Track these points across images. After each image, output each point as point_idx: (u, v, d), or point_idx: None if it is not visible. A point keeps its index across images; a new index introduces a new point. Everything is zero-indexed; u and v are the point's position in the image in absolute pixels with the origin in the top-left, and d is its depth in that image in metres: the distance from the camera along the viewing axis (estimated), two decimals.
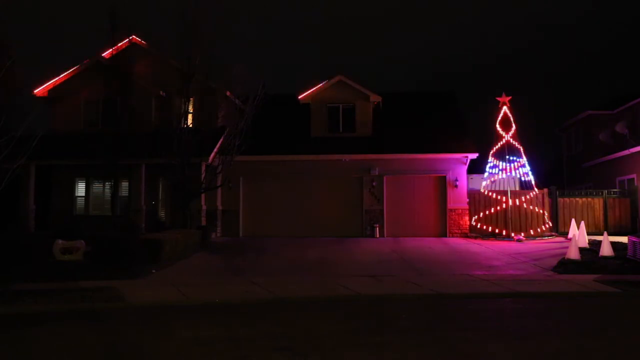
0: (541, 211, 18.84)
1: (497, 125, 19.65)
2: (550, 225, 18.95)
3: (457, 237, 19.16)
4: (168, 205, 19.71)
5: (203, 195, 18.19)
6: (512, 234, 18.10)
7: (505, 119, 19.51)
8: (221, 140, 18.57)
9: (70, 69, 20.37)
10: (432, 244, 16.81)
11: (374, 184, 19.82)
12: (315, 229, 19.40)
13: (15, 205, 18.41)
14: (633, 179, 21.30)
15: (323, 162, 19.88)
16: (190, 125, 17.34)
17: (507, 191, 18.87)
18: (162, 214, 19.92)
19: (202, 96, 17.78)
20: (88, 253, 12.51)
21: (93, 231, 15.17)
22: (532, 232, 18.28)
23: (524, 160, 19.24)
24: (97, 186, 19.98)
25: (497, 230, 18.65)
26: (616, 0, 69.89)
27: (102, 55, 19.87)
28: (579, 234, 14.94)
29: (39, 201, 18.90)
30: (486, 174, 19.71)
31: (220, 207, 19.73)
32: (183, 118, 17.02)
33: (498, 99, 19.78)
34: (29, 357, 5.85)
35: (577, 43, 64.65)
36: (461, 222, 19.43)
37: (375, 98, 21.23)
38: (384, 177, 19.87)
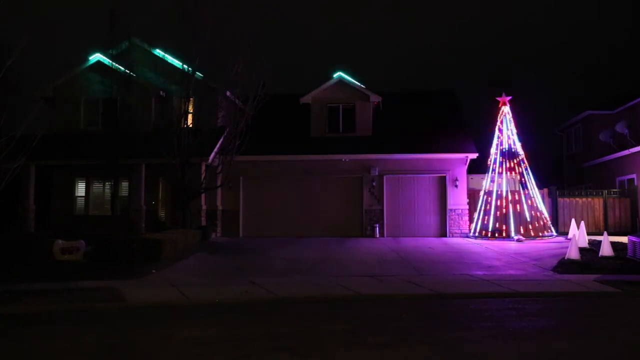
0: (541, 211, 18.82)
1: (497, 125, 19.65)
2: (550, 225, 18.94)
3: (457, 237, 19.16)
4: (168, 205, 19.71)
5: (203, 195, 18.20)
6: (512, 234, 18.09)
7: (505, 119, 19.50)
8: (221, 140, 18.58)
9: (71, 69, 20.36)
10: (432, 244, 16.81)
11: (374, 184, 19.83)
12: (315, 229, 19.40)
13: (15, 205, 18.40)
14: (633, 179, 21.29)
15: (323, 162, 19.89)
16: (190, 125, 17.35)
17: (507, 191, 18.86)
18: (162, 214, 19.93)
19: (202, 96, 17.79)
20: (88, 253, 12.51)
21: (93, 231, 15.19)
22: (532, 232, 18.26)
23: (524, 160, 19.24)
24: (97, 186, 19.98)
25: (497, 231, 18.63)
26: (616, 1, 69.87)
27: (102, 55, 19.88)
28: (579, 234, 14.92)
29: (39, 201, 18.89)
30: (486, 174, 19.70)
31: (220, 207, 19.74)
32: (183, 118, 17.03)
33: (498, 99, 19.79)
34: (28, 357, 5.85)
35: (576, 43, 64.63)
36: (461, 222, 19.44)
37: (375, 98, 21.23)
38: (384, 177, 19.88)
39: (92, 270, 11.28)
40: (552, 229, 18.88)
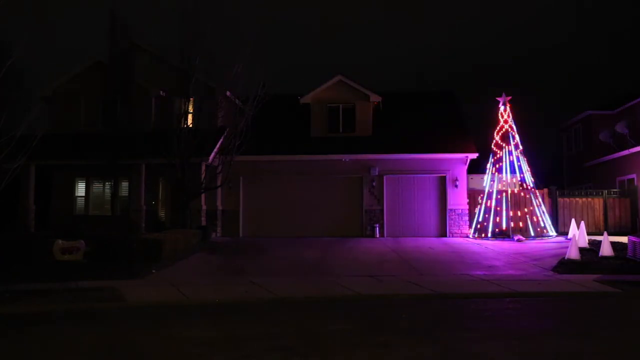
0: (541, 211, 18.81)
1: (497, 125, 19.63)
2: (550, 225, 18.93)
3: (457, 237, 19.15)
4: (168, 205, 19.71)
5: (203, 195, 18.19)
6: (512, 234, 18.09)
7: (505, 119, 19.48)
8: (221, 140, 18.58)
9: (71, 69, 20.36)
10: (432, 244, 16.81)
11: (374, 184, 19.82)
12: (315, 229, 19.39)
13: (15, 206, 18.40)
14: (633, 179, 21.29)
15: (323, 162, 19.89)
16: (190, 125, 17.35)
17: (507, 191, 18.85)
18: (162, 214, 19.92)
19: (202, 96, 17.78)
20: (88, 253, 12.51)
21: (93, 231, 15.19)
22: (532, 232, 18.26)
23: (523, 160, 19.23)
24: (97, 186, 19.98)
25: (497, 230, 18.63)
26: (616, 1, 69.89)
27: (103, 55, 19.87)
28: (579, 234, 14.92)
29: (39, 201, 18.88)
30: (486, 174, 19.69)
31: (220, 207, 19.74)
32: (183, 118, 17.03)
33: (498, 99, 19.77)
34: (28, 357, 5.85)
35: (577, 43, 64.64)
36: (461, 222, 19.43)
37: (375, 98, 21.22)
38: (384, 177, 19.88)
39: (92, 270, 11.29)
40: (552, 229, 18.87)
